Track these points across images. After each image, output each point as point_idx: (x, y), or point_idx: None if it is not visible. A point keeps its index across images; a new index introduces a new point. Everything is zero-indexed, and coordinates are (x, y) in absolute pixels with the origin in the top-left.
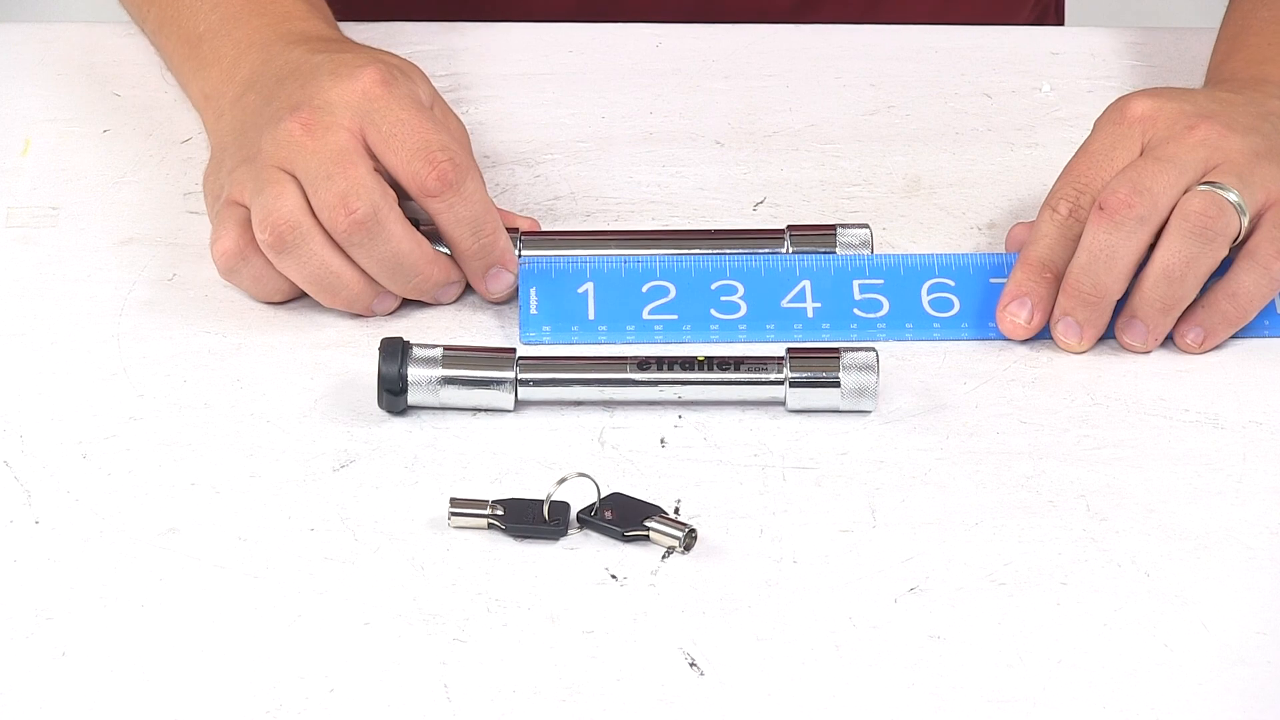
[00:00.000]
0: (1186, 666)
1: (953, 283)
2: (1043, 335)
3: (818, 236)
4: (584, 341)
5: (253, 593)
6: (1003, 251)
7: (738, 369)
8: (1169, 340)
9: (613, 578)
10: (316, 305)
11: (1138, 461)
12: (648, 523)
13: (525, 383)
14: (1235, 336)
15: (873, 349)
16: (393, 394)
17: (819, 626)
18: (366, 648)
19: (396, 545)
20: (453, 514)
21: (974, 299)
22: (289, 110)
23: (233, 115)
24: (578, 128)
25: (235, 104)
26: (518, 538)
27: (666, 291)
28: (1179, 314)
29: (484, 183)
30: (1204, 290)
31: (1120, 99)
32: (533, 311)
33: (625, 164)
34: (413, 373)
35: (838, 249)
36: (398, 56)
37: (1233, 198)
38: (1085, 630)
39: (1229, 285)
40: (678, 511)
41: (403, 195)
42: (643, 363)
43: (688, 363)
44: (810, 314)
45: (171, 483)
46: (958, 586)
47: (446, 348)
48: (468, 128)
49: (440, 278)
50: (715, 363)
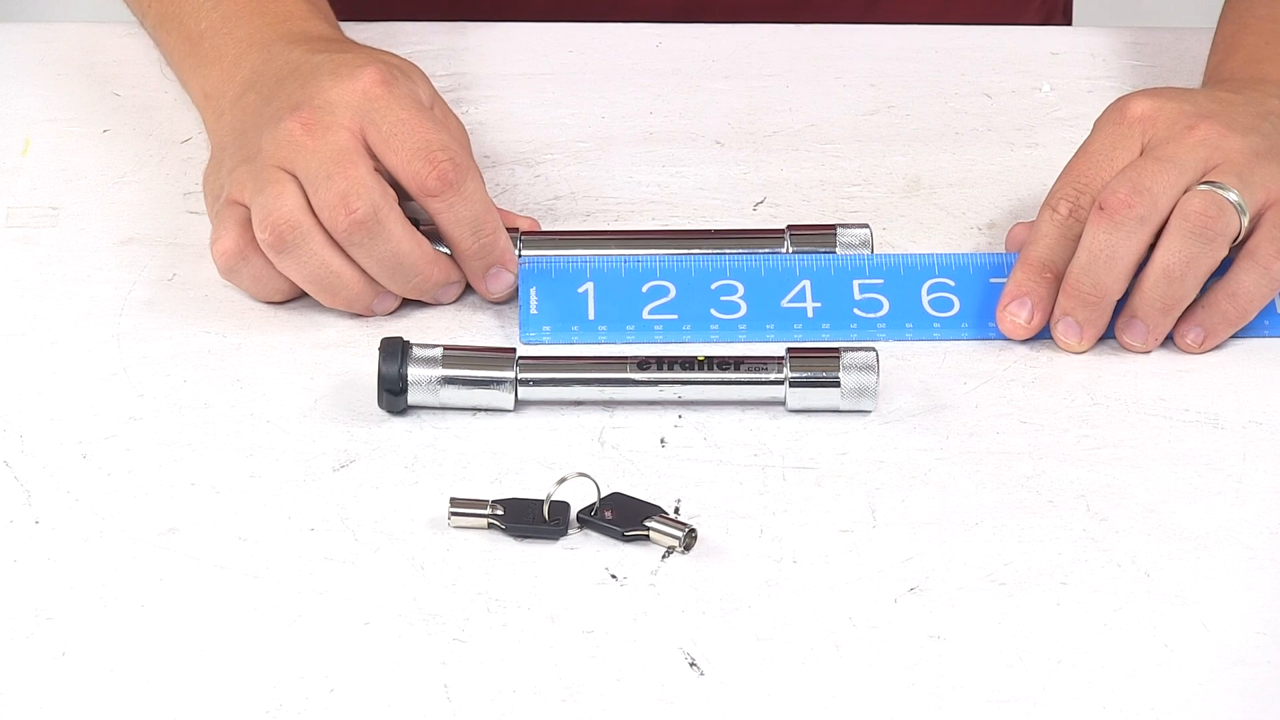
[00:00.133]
0: (1186, 666)
1: (953, 283)
2: (1043, 335)
3: (818, 236)
4: (584, 341)
5: (253, 593)
6: (1003, 251)
7: (738, 369)
8: (1169, 340)
9: (613, 578)
10: (316, 305)
11: (1138, 461)
12: (648, 523)
13: (525, 383)
14: (1235, 336)
15: (873, 349)
16: (393, 394)
17: (819, 626)
18: (366, 648)
19: (396, 545)
20: (453, 514)
21: (974, 299)
22: (289, 110)
23: (233, 115)
24: (578, 128)
25: (235, 103)
26: (518, 538)
27: (666, 291)
28: (1179, 314)
29: (484, 183)
30: (1204, 290)
31: (1120, 99)
32: (533, 311)
33: (625, 164)
34: (413, 373)
35: (838, 249)
36: (398, 56)
37: (1233, 197)
38: (1085, 630)
39: (1229, 285)
40: (678, 511)
41: (403, 195)
42: (643, 363)
43: (688, 363)
44: (810, 314)
45: (171, 483)
46: (958, 586)
47: (446, 348)
48: (468, 128)
49: (440, 278)
50: (715, 363)
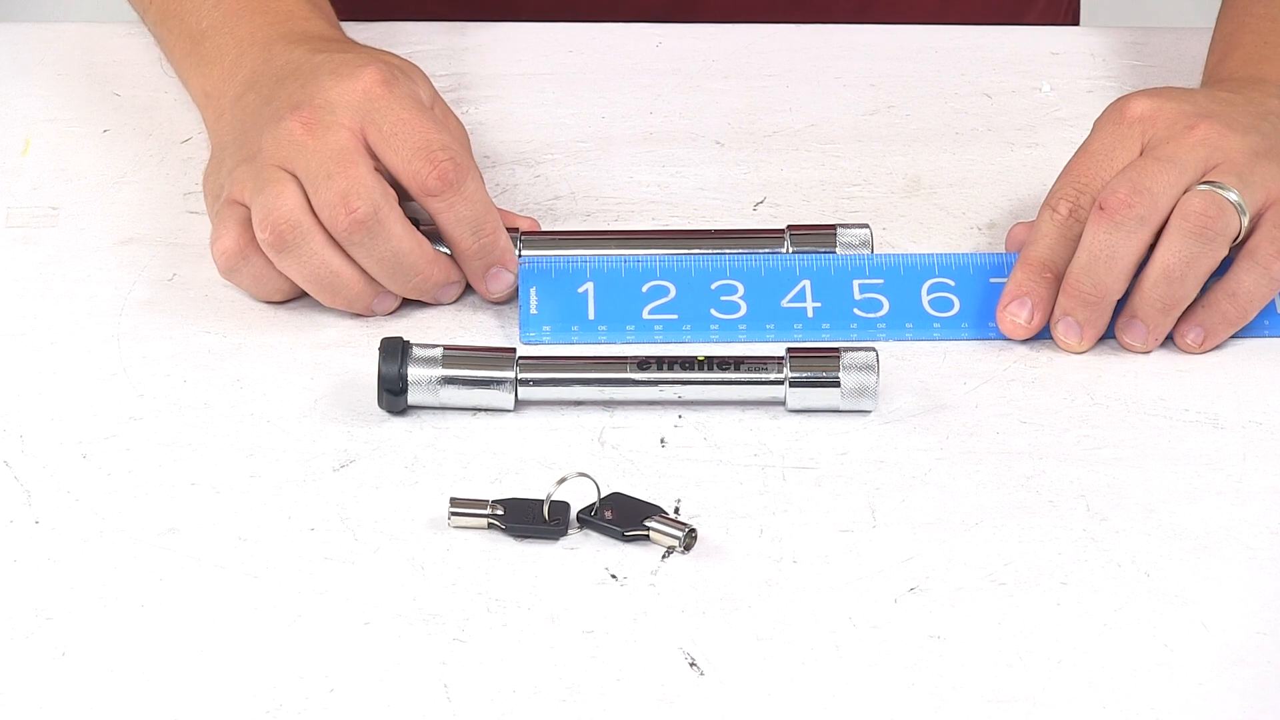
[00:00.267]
0: (1186, 666)
1: (953, 282)
2: (1043, 335)
3: (818, 236)
4: (584, 341)
5: (253, 593)
6: (1003, 251)
7: (738, 369)
8: (1169, 340)
9: (613, 578)
10: (316, 305)
11: (1138, 461)
12: (648, 523)
13: (525, 382)
14: (1235, 336)
15: (873, 349)
16: (393, 394)
17: (819, 626)
18: (366, 648)
19: (396, 545)
20: (453, 514)
21: (974, 299)
22: (290, 109)
23: (233, 114)
24: (578, 128)
25: (236, 103)
26: (518, 538)
27: (666, 291)
28: (1179, 314)
29: (484, 182)
30: (1204, 290)
31: (1120, 99)
32: (533, 311)
33: (625, 164)
34: (413, 372)
35: (838, 249)
36: (398, 56)
37: (1233, 197)
38: (1085, 630)
39: (1229, 285)
40: (678, 511)
41: (403, 195)
42: (643, 363)
43: (688, 362)
44: (810, 314)
45: (171, 483)
46: (958, 586)
47: (446, 347)
48: (468, 128)
49: (440, 277)
50: (715, 362)
